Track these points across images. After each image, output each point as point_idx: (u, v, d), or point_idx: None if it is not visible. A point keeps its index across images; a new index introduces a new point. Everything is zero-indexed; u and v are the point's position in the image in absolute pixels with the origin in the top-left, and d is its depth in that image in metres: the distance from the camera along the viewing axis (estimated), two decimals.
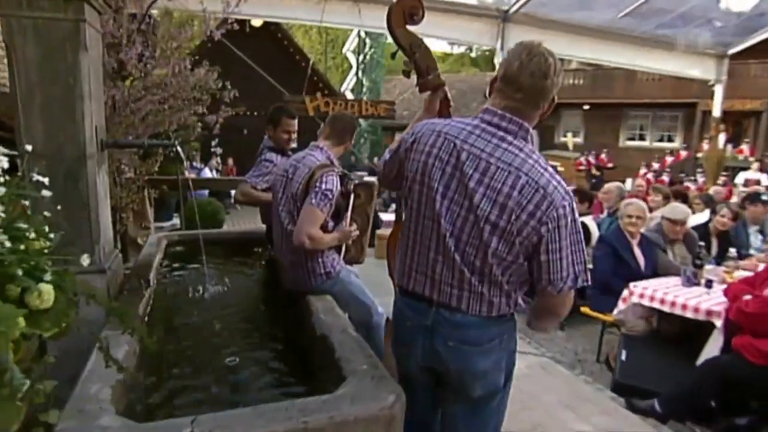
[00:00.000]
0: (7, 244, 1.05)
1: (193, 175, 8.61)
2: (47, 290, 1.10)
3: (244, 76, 5.41)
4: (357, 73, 17.23)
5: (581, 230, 1.41)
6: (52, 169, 2.27)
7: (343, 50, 18.59)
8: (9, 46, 2.12)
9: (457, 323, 1.49)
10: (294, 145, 3.26)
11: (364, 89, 17.02)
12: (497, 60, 8.51)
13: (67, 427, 1.42)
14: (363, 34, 16.82)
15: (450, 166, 1.43)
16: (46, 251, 1.22)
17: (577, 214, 1.40)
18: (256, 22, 11.53)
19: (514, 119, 1.43)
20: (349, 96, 17.42)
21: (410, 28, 1.66)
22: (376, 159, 16.22)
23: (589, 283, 1.42)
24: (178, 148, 2.59)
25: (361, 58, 17.22)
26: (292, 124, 3.18)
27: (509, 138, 1.43)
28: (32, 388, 1.10)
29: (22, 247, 1.09)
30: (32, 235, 1.15)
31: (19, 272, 1.06)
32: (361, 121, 16.85)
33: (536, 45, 1.42)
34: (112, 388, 1.65)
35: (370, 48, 17.16)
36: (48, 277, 1.14)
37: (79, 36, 2.18)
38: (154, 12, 3.60)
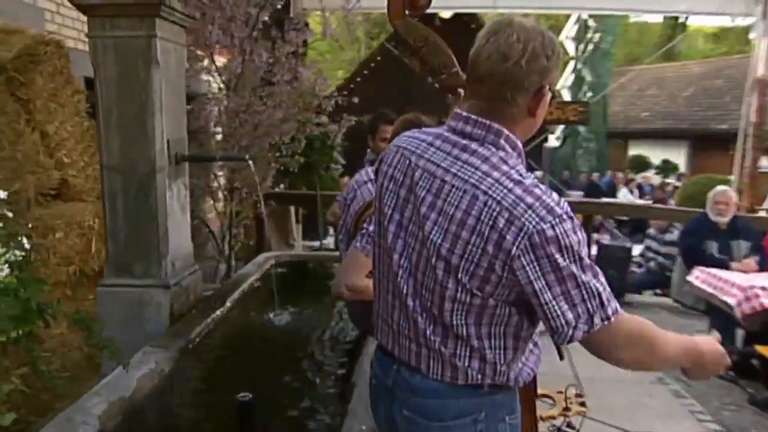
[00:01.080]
0: None
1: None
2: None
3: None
4: (576, 67, 16.59)
5: (582, 254, 1.20)
6: (126, 184, 2.84)
7: (560, 37, 18.09)
8: (94, 67, 2.74)
9: (415, 388, 1.37)
10: None
11: (585, 86, 16.27)
12: (754, 35, 7.29)
13: None
14: (586, 16, 16.18)
15: (404, 189, 1.36)
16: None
17: (572, 237, 1.20)
18: (445, 14, 12.08)
19: (480, 121, 1.30)
20: (566, 96, 16.86)
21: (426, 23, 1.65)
22: (596, 174, 15.28)
23: (613, 316, 1.21)
24: (250, 162, 2.94)
25: (582, 47, 16.56)
26: (389, 130, 3.32)
27: (473, 146, 1.30)
28: None
29: None
30: None
31: None
32: (580, 127, 16.17)
33: (507, 21, 1.27)
34: (109, 404, 2.00)
35: (594, 33, 16.37)
36: None
37: (150, 52, 2.71)
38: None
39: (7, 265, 1.57)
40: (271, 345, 2.82)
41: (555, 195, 1.24)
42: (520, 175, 1.25)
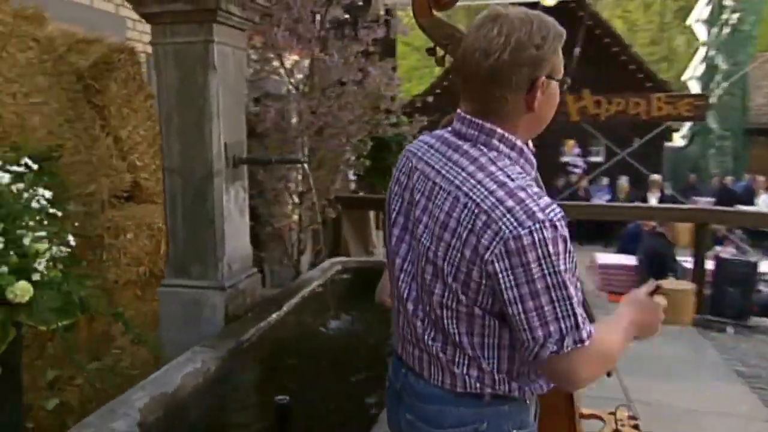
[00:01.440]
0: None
1: None
2: (24, 287, 1.67)
3: None
4: (707, 54, 15.58)
5: (561, 267, 1.19)
6: (185, 186, 3.09)
7: (688, 21, 17.07)
8: (157, 73, 3.03)
9: (419, 393, 1.43)
10: None
11: (718, 76, 15.24)
12: None
13: (89, 422, 2.02)
14: None
15: (407, 192, 1.42)
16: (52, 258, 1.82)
17: (552, 247, 1.19)
18: (549, 2, 11.84)
19: (473, 121, 1.33)
20: (694, 88, 15.87)
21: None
22: (730, 178, 14.24)
23: (587, 340, 1.21)
24: (305, 166, 3.11)
25: (715, 31, 15.53)
26: None
27: (464, 147, 1.34)
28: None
29: (12, 252, 1.69)
30: (28, 242, 1.75)
31: (5, 269, 1.65)
32: (712, 123, 15.14)
33: (493, 14, 1.29)
34: (151, 399, 2.22)
35: (732, 14, 15.30)
36: (36, 277, 1.71)
37: (207, 57, 2.94)
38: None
39: (50, 261, 1.81)
40: (321, 350, 2.96)
41: (544, 200, 1.24)
42: (508, 176, 1.26)
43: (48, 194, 1.94)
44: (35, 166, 1.99)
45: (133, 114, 3.75)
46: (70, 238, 1.94)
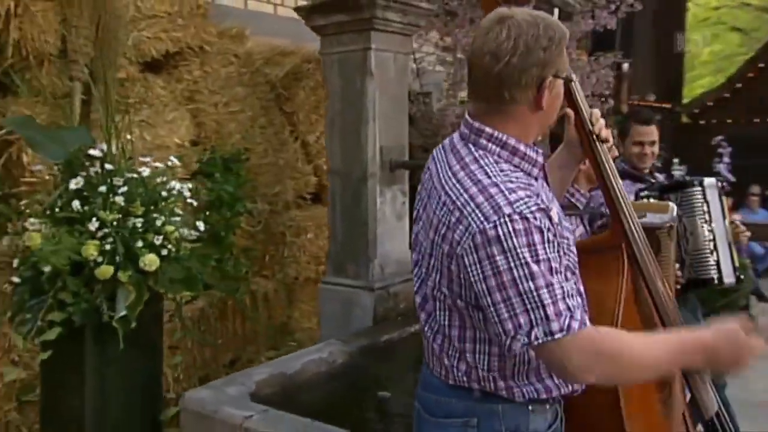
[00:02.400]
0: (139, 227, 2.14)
1: None
2: (151, 259, 2.13)
3: None
4: None
5: (530, 259, 1.26)
6: (344, 188, 3.46)
7: None
8: (325, 81, 3.46)
9: (424, 382, 1.54)
10: (649, 163, 3.25)
11: None
12: None
13: (212, 384, 2.48)
14: None
15: (424, 191, 1.53)
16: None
17: (519, 239, 1.26)
18: None
19: (468, 121, 1.43)
20: None
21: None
22: None
23: (560, 333, 1.26)
24: None
25: None
26: (644, 132, 3.20)
27: (457, 147, 1.44)
28: None
29: (148, 234, 2.16)
30: (160, 224, 2.21)
31: (140, 244, 2.14)
32: None
33: (500, 17, 1.36)
34: (270, 376, 2.59)
35: None
36: (164, 252, 2.18)
37: (365, 64, 3.27)
38: None
39: (179, 241, 2.28)
40: None
41: (516, 194, 1.31)
42: (485, 174, 1.35)
43: (187, 188, 2.43)
44: (178, 162, 2.50)
45: (320, 120, 4.26)
46: (201, 224, 2.41)
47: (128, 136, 2.87)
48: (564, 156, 1.79)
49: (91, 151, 2.12)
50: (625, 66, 7.62)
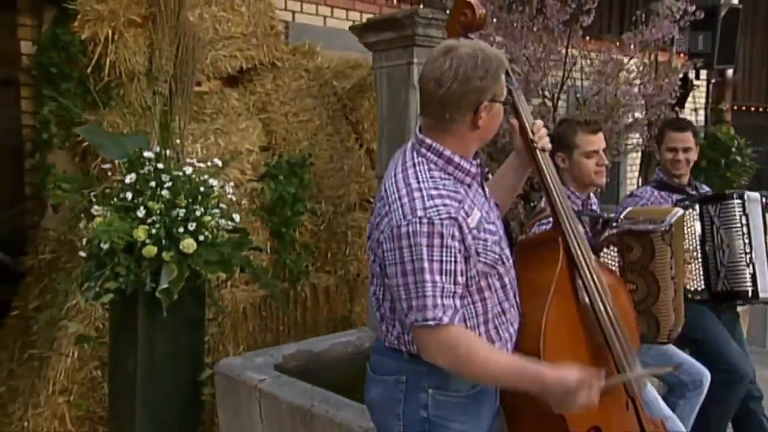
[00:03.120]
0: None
1: None
2: (188, 242, 2.55)
3: None
4: None
5: (426, 257, 1.52)
6: None
7: None
8: (377, 93, 3.80)
9: (374, 345, 1.82)
10: (684, 170, 3.29)
11: None
12: None
13: (244, 354, 2.90)
14: None
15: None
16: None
17: (422, 239, 1.53)
18: None
19: (418, 134, 1.70)
20: None
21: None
22: None
23: (431, 322, 1.53)
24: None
25: None
26: (678, 139, 3.26)
27: (407, 152, 1.71)
28: None
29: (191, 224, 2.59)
30: (199, 214, 2.63)
31: (181, 230, 2.58)
32: None
33: (446, 48, 1.62)
34: (297, 351, 2.96)
35: None
36: (201, 238, 2.60)
37: (409, 77, 3.57)
38: None
39: (217, 229, 2.70)
40: None
41: (434, 201, 1.57)
42: (416, 179, 1.62)
43: (229, 186, 2.86)
44: (220, 163, 2.94)
45: None
46: (237, 216, 2.83)
47: (192, 142, 3.39)
48: (515, 161, 2.03)
49: (145, 153, 2.60)
50: (729, 72, 7.38)
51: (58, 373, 3.15)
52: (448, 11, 4.51)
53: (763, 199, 3.26)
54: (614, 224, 2.63)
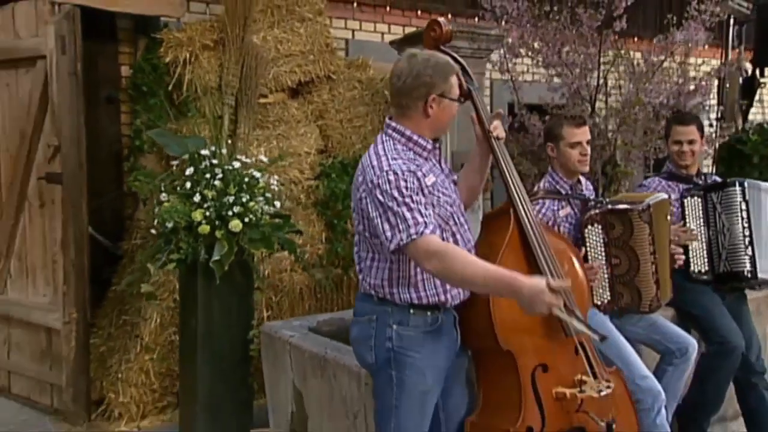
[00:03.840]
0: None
1: None
2: (235, 223, 3.14)
3: None
4: None
5: (397, 195, 2.00)
6: None
7: None
8: None
9: (357, 292, 2.31)
10: (690, 161, 3.55)
11: None
12: None
13: (285, 319, 3.46)
14: None
15: None
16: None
17: (390, 185, 2.01)
18: None
19: (387, 120, 2.21)
20: None
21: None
22: None
23: (416, 236, 1.96)
24: None
25: None
26: (681, 132, 3.42)
27: (381, 135, 2.19)
28: None
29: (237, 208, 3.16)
30: (251, 204, 3.20)
31: (230, 213, 3.17)
32: None
33: (410, 54, 2.16)
34: (330, 318, 3.44)
35: None
36: (246, 220, 3.17)
37: None
38: None
39: (261, 214, 3.27)
40: None
41: (396, 161, 2.06)
42: (384, 151, 2.12)
43: (274, 179, 3.43)
44: (265, 160, 3.51)
45: None
46: (277, 203, 3.39)
47: (257, 146, 4.02)
48: (478, 148, 2.48)
49: (202, 151, 3.23)
50: None
51: (144, 336, 3.84)
52: (478, 18, 4.93)
53: None
54: (598, 205, 2.99)
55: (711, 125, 6.11)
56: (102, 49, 4.37)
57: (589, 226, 2.93)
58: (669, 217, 3.13)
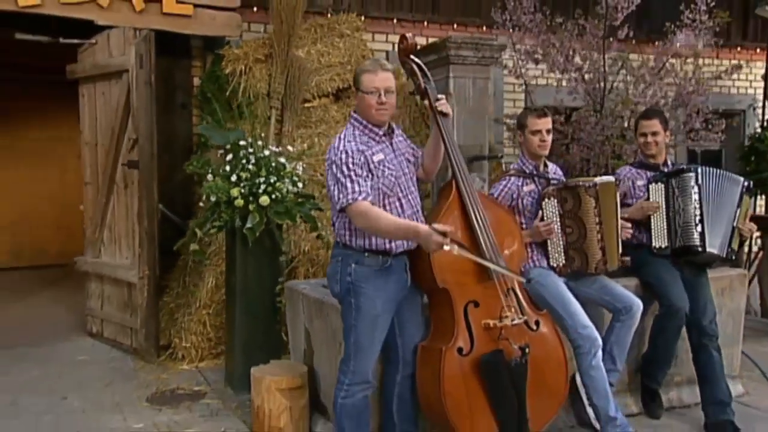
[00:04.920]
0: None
1: None
2: (264, 198, 3.93)
3: None
4: None
5: (344, 168, 2.67)
6: (438, 174, 4.93)
7: None
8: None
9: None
10: (654, 150, 4.00)
11: None
12: None
13: (308, 280, 4.26)
14: None
15: None
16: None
17: (338, 159, 2.70)
18: None
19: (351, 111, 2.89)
20: None
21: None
22: None
23: (351, 201, 2.67)
24: (485, 162, 4.58)
25: None
26: (645, 125, 3.92)
27: None
28: None
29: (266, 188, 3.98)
30: (278, 184, 3.99)
31: (261, 190, 3.97)
32: None
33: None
34: None
35: None
36: (273, 196, 3.97)
37: (447, 87, 4.71)
38: None
39: (286, 192, 4.08)
40: None
41: (349, 142, 2.75)
42: (343, 135, 2.82)
43: (300, 166, 4.23)
44: (291, 149, 4.31)
45: None
46: (300, 184, 4.19)
47: (301, 142, 4.87)
48: (433, 129, 3.16)
49: (241, 142, 4.09)
50: None
51: (202, 295, 4.74)
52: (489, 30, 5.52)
53: (745, 183, 3.92)
54: (554, 182, 3.60)
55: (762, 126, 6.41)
56: (178, 64, 5.35)
57: (546, 200, 3.51)
58: (617, 197, 3.65)
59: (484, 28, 6.54)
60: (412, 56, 3.27)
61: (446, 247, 2.57)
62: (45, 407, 3.94)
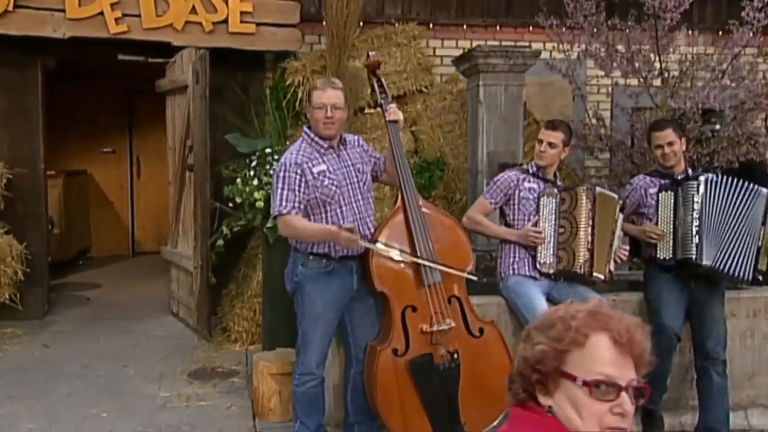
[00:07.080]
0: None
1: None
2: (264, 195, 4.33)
3: None
4: None
5: (277, 184, 2.96)
6: (472, 180, 4.99)
7: None
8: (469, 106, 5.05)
9: None
10: (673, 161, 3.83)
11: None
12: None
13: None
14: None
15: None
16: None
17: (279, 173, 3.03)
18: None
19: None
20: None
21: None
22: None
23: (278, 213, 3.02)
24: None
25: None
26: (659, 137, 3.73)
27: None
28: None
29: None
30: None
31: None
32: None
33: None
34: None
35: None
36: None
37: (478, 95, 4.76)
38: None
39: None
40: None
41: (293, 156, 3.09)
42: (294, 147, 3.17)
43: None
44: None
45: None
46: None
47: None
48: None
49: (267, 150, 4.51)
50: None
51: (253, 285, 5.25)
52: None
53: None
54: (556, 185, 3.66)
55: None
56: (254, 77, 5.91)
57: (544, 198, 3.59)
58: (617, 215, 3.59)
59: (563, 30, 6.37)
60: (377, 71, 3.48)
61: (362, 243, 2.80)
62: (105, 372, 4.65)
